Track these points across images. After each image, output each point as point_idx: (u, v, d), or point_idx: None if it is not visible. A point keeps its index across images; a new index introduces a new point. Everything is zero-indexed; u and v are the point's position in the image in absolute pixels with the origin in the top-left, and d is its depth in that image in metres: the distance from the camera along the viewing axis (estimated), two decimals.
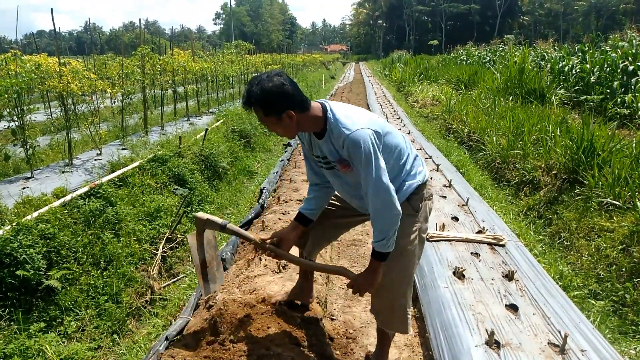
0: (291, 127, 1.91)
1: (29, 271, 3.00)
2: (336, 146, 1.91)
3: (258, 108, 1.86)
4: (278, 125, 1.91)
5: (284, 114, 1.84)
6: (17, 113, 5.13)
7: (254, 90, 1.83)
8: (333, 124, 1.88)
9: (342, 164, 1.93)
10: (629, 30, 14.07)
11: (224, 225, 2.16)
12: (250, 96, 1.84)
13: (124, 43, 13.64)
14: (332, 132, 1.89)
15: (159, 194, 4.89)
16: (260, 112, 1.87)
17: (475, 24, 61.79)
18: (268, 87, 1.82)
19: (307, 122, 1.92)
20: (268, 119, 1.89)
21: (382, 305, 2.15)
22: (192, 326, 2.49)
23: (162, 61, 9.06)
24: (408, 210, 2.02)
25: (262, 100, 1.83)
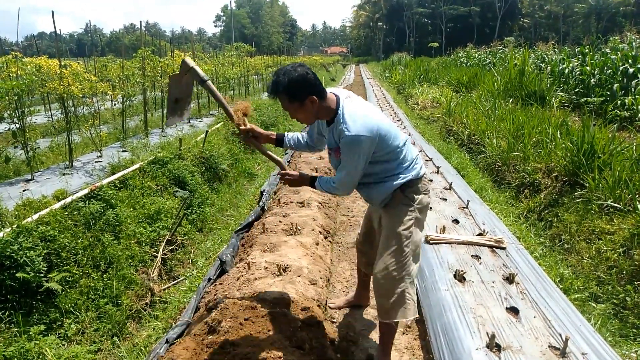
0: (312, 113, 2.17)
1: (29, 273, 2.99)
2: (336, 137, 2.20)
3: (284, 95, 2.11)
4: (301, 111, 2.16)
5: (306, 100, 2.11)
6: (18, 115, 5.13)
7: (281, 79, 2.08)
8: (340, 120, 2.14)
9: (337, 151, 2.23)
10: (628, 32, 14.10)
11: (204, 80, 2.39)
12: (278, 85, 2.09)
13: (125, 45, 13.66)
14: (336, 125, 2.16)
15: (160, 196, 4.89)
16: (286, 99, 2.12)
17: (475, 26, 61.86)
18: (294, 76, 2.07)
19: (323, 110, 2.18)
20: (292, 105, 2.13)
21: (381, 291, 2.31)
22: (192, 329, 2.48)
23: (163, 63, 9.07)
24: (402, 200, 2.27)
25: (289, 87, 2.08)
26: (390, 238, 2.27)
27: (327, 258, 3.61)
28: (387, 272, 2.25)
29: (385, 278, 2.26)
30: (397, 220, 2.26)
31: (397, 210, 2.26)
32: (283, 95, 2.11)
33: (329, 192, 2.31)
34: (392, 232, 2.26)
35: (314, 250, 3.47)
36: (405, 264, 2.26)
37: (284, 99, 2.12)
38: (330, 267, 3.60)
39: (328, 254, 3.72)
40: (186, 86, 2.55)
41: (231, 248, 3.66)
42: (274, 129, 10.49)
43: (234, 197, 6.10)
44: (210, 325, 2.37)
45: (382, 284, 2.28)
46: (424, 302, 2.83)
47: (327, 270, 3.42)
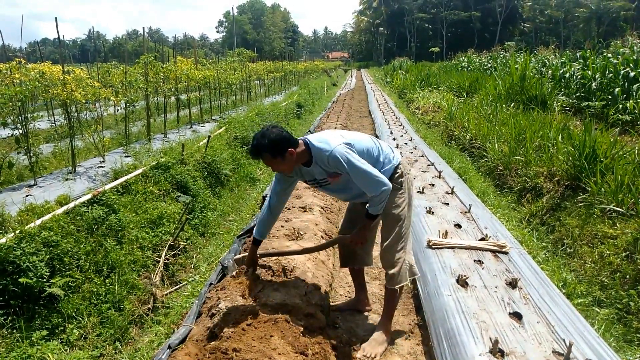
0: (291, 162, 2.44)
1: (32, 279, 3.00)
2: (323, 166, 2.46)
3: (267, 154, 2.36)
4: (282, 163, 2.42)
5: (286, 153, 2.38)
6: (21, 121, 5.16)
7: (261, 142, 2.34)
8: (316, 151, 2.45)
9: (331, 176, 2.52)
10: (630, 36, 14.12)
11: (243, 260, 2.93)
12: (260, 147, 2.35)
13: (127, 51, 13.72)
14: (316, 158, 2.46)
15: (162, 201, 4.90)
16: (269, 156, 2.37)
17: (476, 31, 61.97)
18: (272, 136, 2.35)
19: (299, 155, 2.45)
20: (275, 160, 2.39)
21: (386, 265, 2.69)
22: (194, 334, 2.48)
23: (165, 69, 9.11)
24: (393, 187, 2.56)
25: (270, 147, 2.34)
26: (388, 220, 2.65)
27: (329, 263, 3.61)
28: (393, 247, 2.65)
29: (391, 253, 2.65)
30: (393, 204, 2.61)
31: (391, 196, 2.56)
32: (266, 154, 2.37)
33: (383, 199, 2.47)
34: (390, 214, 2.63)
35: (316, 255, 3.47)
36: (403, 237, 2.67)
37: (267, 158, 2.38)
38: (332, 271, 3.60)
39: (330, 259, 3.72)
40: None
41: (233, 253, 3.65)
42: None
43: (236, 201, 6.11)
44: (213, 330, 2.37)
45: (388, 258, 2.67)
46: (427, 307, 2.82)
47: (330, 275, 3.42)
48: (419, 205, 4.25)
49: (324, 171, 2.49)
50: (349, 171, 2.39)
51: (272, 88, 23.19)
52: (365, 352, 2.64)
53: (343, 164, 2.37)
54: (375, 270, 3.82)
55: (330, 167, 2.43)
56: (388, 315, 2.79)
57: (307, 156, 2.48)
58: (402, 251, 2.67)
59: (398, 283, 2.67)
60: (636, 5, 49.48)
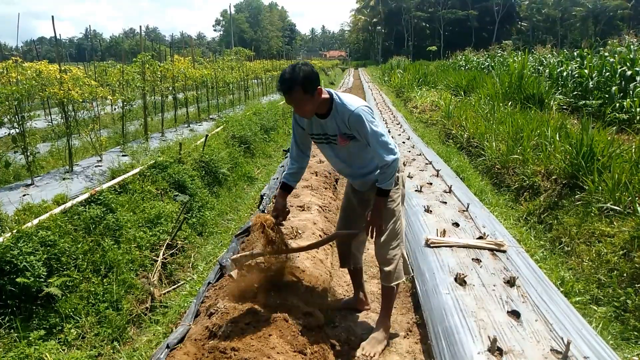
0: (316, 103, 2.37)
1: (29, 278, 2.99)
2: (339, 122, 2.41)
3: (299, 89, 2.28)
4: (310, 102, 2.34)
5: (315, 92, 2.32)
6: (18, 120, 5.14)
7: (294, 75, 2.27)
8: (339, 104, 2.39)
9: (343, 138, 2.47)
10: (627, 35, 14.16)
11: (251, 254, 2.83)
12: (294, 80, 2.27)
13: (125, 50, 13.70)
14: (337, 111, 2.39)
15: (160, 200, 4.88)
16: (300, 92, 2.28)
17: (474, 29, 62.09)
18: (306, 70, 2.29)
19: (322, 102, 2.39)
20: (305, 97, 2.31)
21: (382, 262, 2.66)
22: (193, 334, 2.48)
23: (163, 68, 9.09)
24: None
25: (304, 81, 2.27)
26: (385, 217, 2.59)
27: (327, 262, 3.61)
28: (387, 244, 2.62)
29: (387, 250, 2.62)
30: (388, 198, 2.56)
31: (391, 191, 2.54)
32: (298, 89, 2.28)
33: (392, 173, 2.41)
34: (385, 210, 2.56)
35: (315, 254, 3.47)
36: (398, 234, 2.65)
37: (298, 93, 2.29)
38: (330, 270, 3.60)
39: (328, 258, 3.72)
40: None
41: (231, 252, 3.65)
42: (274, 132, 10.51)
43: (234, 200, 6.11)
44: (211, 330, 2.37)
45: (383, 255, 2.64)
46: (425, 305, 2.82)
47: (328, 274, 3.42)
48: (417, 204, 4.26)
49: (338, 128, 2.44)
50: (367, 133, 2.34)
51: (269, 87, 23.16)
52: (365, 350, 2.64)
53: (364, 124, 2.33)
54: (374, 269, 3.82)
55: (348, 125, 2.38)
56: (386, 313, 2.80)
57: (327, 106, 2.42)
58: (397, 248, 2.66)
59: (395, 280, 2.68)
60: (632, 4, 49.64)
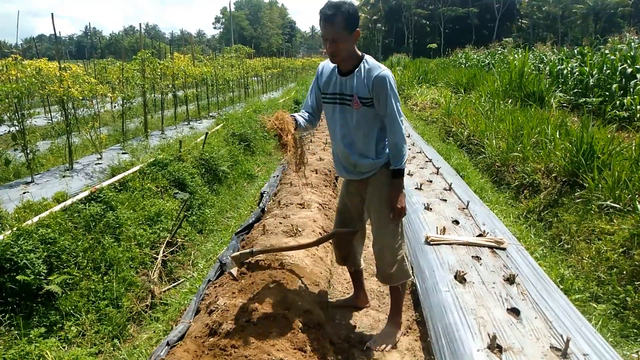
0: (351, 46, 2.30)
1: (30, 276, 2.99)
2: (361, 82, 2.32)
3: (342, 20, 2.20)
4: (346, 41, 2.26)
5: (355, 31, 2.27)
6: (18, 118, 5.13)
7: (342, 5, 2.20)
8: (369, 63, 2.33)
9: (357, 101, 2.35)
10: (627, 32, 14.13)
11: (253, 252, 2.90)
12: (340, 9, 2.20)
13: (124, 47, 13.71)
14: (364, 68, 2.32)
15: (160, 198, 4.88)
16: (342, 23, 2.21)
17: (474, 27, 61.92)
18: (352, 6, 2.23)
19: (353, 52, 2.33)
20: (345, 32, 2.23)
21: (385, 264, 2.58)
22: (193, 331, 2.48)
23: (162, 65, 9.09)
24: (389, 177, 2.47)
25: (350, 14, 2.21)
26: (383, 216, 2.52)
27: (327, 259, 3.61)
28: (388, 246, 2.55)
29: (386, 251, 2.56)
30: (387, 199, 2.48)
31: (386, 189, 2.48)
32: (341, 19, 2.20)
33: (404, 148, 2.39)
34: (384, 210, 2.50)
35: (315, 251, 3.47)
36: (400, 234, 2.58)
37: (340, 24, 2.21)
38: (330, 268, 3.60)
39: (328, 255, 3.72)
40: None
41: (231, 250, 3.65)
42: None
43: (234, 198, 6.11)
44: (211, 327, 2.37)
45: (384, 256, 2.57)
46: (425, 303, 2.83)
47: (328, 272, 3.43)
48: (417, 201, 4.26)
49: (357, 88, 2.34)
50: (387, 97, 2.28)
51: (269, 84, 23.14)
52: (377, 343, 2.67)
53: (386, 87, 2.27)
54: (373, 266, 3.82)
55: (372, 85, 2.29)
56: (396, 311, 2.78)
57: (354, 62, 2.35)
58: (399, 248, 2.60)
59: (399, 280, 2.65)
60: (633, 1, 49.53)
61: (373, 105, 2.35)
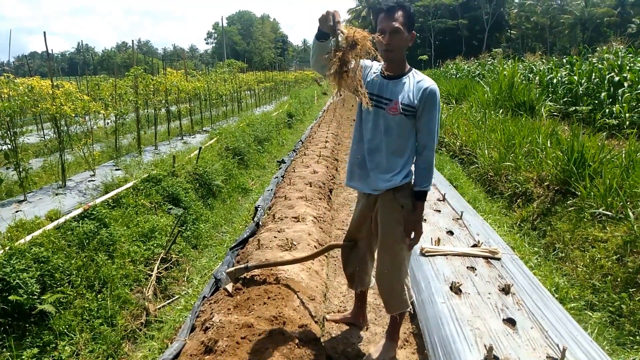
0: (405, 46, 2.27)
1: (22, 296, 2.96)
2: (409, 89, 2.26)
3: (404, 15, 2.20)
4: (403, 39, 2.22)
5: (411, 32, 2.25)
6: (10, 136, 5.12)
7: (407, 4, 2.21)
8: (420, 75, 2.31)
9: (397, 106, 2.26)
10: (614, 42, 14.37)
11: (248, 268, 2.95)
12: (404, 5, 2.20)
13: (117, 63, 13.74)
14: (414, 77, 2.29)
15: (153, 214, 4.86)
16: (403, 19, 2.19)
17: (464, 38, 62.74)
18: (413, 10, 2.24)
19: (404, 57, 2.31)
20: (402, 30, 2.19)
21: (382, 289, 2.54)
22: (188, 349, 2.46)
23: (155, 81, 9.11)
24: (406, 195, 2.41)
25: (411, 13, 2.22)
26: (389, 237, 2.44)
27: (322, 273, 3.60)
28: (391, 275, 2.46)
29: (385, 277, 2.49)
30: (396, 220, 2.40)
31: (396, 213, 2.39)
32: (402, 15, 2.19)
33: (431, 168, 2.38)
34: (391, 231, 2.41)
35: (310, 265, 3.46)
36: (403, 261, 2.48)
37: (401, 18, 2.19)
38: (326, 282, 3.59)
39: (324, 269, 3.71)
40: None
41: (226, 265, 3.63)
42: (267, 143, 10.52)
43: (228, 212, 6.09)
44: (207, 345, 2.35)
45: (382, 282, 2.51)
46: (421, 315, 2.82)
47: (324, 286, 3.41)
48: None
49: (401, 94, 2.26)
50: (434, 112, 2.25)
51: (262, 98, 23.23)
52: (371, 358, 2.61)
53: (436, 103, 2.23)
54: None
55: (421, 96, 2.22)
56: (394, 329, 2.68)
57: (402, 68, 2.31)
58: (399, 278, 2.48)
59: (395, 310, 2.56)
60: (619, 11, 50.48)
61: (414, 116, 2.27)
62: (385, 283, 2.50)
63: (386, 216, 2.43)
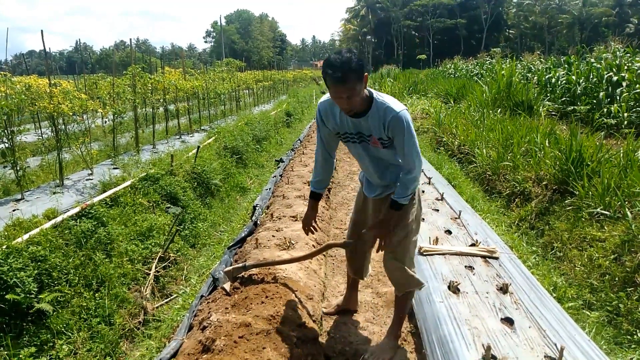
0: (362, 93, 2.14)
1: (19, 295, 2.95)
2: (376, 124, 2.22)
3: (354, 75, 2.03)
4: (360, 93, 2.12)
5: (364, 78, 2.09)
6: (7, 134, 5.10)
7: (349, 59, 2.02)
8: (380, 104, 2.20)
9: (375, 141, 2.30)
10: (612, 42, 14.40)
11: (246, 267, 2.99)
12: (349, 66, 2.01)
13: (115, 62, 13.68)
14: (377, 110, 2.20)
15: (151, 212, 4.85)
16: (355, 78, 2.04)
17: (462, 38, 62.84)
18: (356, 58, 2.04)
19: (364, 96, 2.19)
20: (359, 84, 2.07)
21: (397, 274, 2.59)
22: (186, 348, 2.45)
23: (153, 80, 9.09)
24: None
25: (358, 65, 2.04)
26: (398, 229, 2.49)
27: (321, 272, 3.60)
28: (399, 257, 2.54)
29: (398, 262, 2.55)
30: (405, 214, 2.48)
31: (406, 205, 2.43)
32: (354, 75, 2.03)
33: (413, 188, 2.35)
34: (399, 223, 2.48)
35: (308, 264, 3.46)
36: (412, 247, 2.59)
37: (352, 80, 2.04)
38: (324, 281, 3.59)
39: (322, 268, 3.71)
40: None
41: (224, 265, 3.63)
42: (266, 142, 10.52)
43: (226, 211, 6.08)
44: (204, 344, 2.34)
45: (396, 267, 2.56)
46: (420, 314, 2.82)
47: (322, 285, 3.41)
48: None
49: (372, 129, 2.26)
50: (404, 138, 2.20)
51: (261, 97, 23.22)
52: (374, 355, 2.67)
53: (403, 129, 2.17)
54: (367, 278, 3.81)
55: (387, 127, 2.20)
56: (398, 322, 2.77)
57: (365, 104, 2.21)
58: (411, 262, 2.59)
59: (407, 288, 2.63)
60: (617, 11, 50.59)
61: (393, 145, 2.30)
62: (393, 266, 2.57)
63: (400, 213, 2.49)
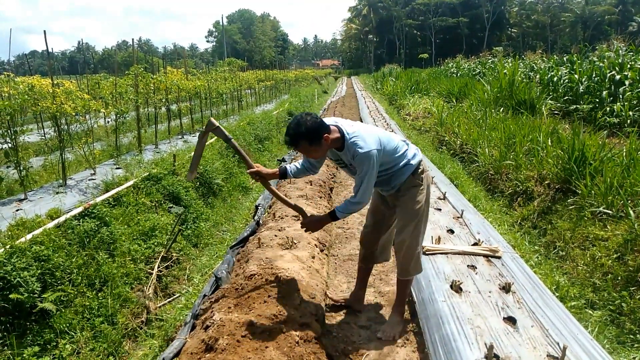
0: (326, 148, 2.54)
1: (23, 294, 2.96)
2: (350, 157, 2.57)
3: (304, 142, 2.45)
4: (319, 150, 2.53)
5: (322, 140, 2.46)
6: (10, 134, 5.12)
7: (298, 130, 2.42)
8: (350, 144, 2.51)
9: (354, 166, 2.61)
10: (615, 40, 14.35)
11: (229, 139, 2.78)
12: (298, 136, 2.43)
13: (117, 62, 13.69)
14: (348, 148, 2.53)
15: (154, 212, 4.87)
16: (306, 144, 2.46)
17: (464, 36, 62.74)
18: (309, 124, 2.42)
19: (333, 141, 2.53)
20: (313, 147, 2.49)
21: (405, 258, 2.76)
22: (189, 347, 2.46)
23: (156, 80, 9.10)
24: (414, 183, 2.70)
25: (308, 135, 2.43)
26: (407, 216, 2.71)
27: (323, 271, 3.60)
28: (408, 242, 2.71)
29: (407, 248, 2.73)
30: (413, 200, 2.69)
31: (412, 192, 2.69)
32: (304, 142, 2.45)
33: (352, 210, 2.66)
34: (409, 211, 2.69)
35: (310, 263, 3.46)
36: (420, 232, 2.76)
37: (304, 146, 2.47)
38: (327, 280, 3.59)
39: (324, 267, 3.72)
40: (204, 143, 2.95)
41: (226, 264, 3.64)
42: (268, 142, 10.52)
43: (228, 211, 6.09)
44: (207, 343, 2.35)
45: (404, 252, 2.74)
46: (422, 313, 2.82)
47: (324, 284, 3.42)
48: None
49: (347, 160, 2.62)
50: (362, 174, 2.52)
51: (263, 97, 23.22)
52: (385, 333, 2.88)
53: (363, 167, 2.50)
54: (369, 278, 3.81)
55: (354, 161, 2.54)
56: (401, 301, 2.97)
57: (340, 143, 2.55)
58: (417, 247, 2.76)
59: (410, 275, 2.83)
60: (620, 10, 50.41)
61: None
62: (407, 252, 2.74)
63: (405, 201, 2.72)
